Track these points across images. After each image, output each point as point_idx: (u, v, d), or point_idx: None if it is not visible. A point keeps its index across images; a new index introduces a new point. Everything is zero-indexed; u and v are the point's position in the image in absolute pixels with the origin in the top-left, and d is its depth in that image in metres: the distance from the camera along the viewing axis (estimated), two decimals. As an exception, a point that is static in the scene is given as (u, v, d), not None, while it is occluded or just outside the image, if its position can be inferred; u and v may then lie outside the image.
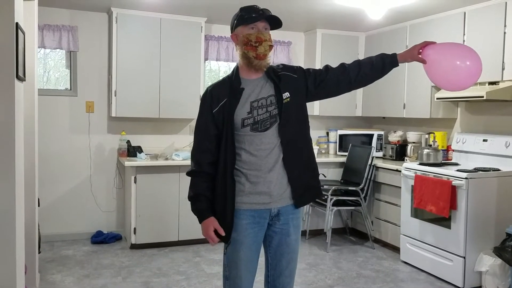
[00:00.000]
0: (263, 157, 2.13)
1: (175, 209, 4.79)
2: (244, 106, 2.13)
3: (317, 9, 4.62)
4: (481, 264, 3.73)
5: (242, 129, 2.12)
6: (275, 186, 2.15)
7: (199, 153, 2.20)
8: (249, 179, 2.14)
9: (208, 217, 2.16)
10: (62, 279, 3.90)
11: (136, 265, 4.25)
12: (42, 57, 5.06)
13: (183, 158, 4.78)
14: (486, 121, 4.45)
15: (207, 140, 2.17)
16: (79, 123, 5.01)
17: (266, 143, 2.13)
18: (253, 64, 2.12)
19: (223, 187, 2.14)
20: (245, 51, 2.12)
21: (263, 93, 2.16)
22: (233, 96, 2.13)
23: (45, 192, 4.77)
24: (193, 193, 2.20)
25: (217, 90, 2.18)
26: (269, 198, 2.15)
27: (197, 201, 2.18)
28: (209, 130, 2.17)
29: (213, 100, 2.16)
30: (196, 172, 2.20)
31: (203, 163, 2.18)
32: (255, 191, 2.14)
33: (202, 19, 5.06)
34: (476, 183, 3.81)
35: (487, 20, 4.05)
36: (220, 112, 2.14)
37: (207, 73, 5.65)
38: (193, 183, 2.21)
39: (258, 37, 2.10)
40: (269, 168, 2.13)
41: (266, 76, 2.19)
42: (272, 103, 2.15)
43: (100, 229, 5.08)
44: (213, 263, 4.36)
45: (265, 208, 2.16)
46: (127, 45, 4.80)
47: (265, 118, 2.13)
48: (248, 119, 2.12)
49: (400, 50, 5.30)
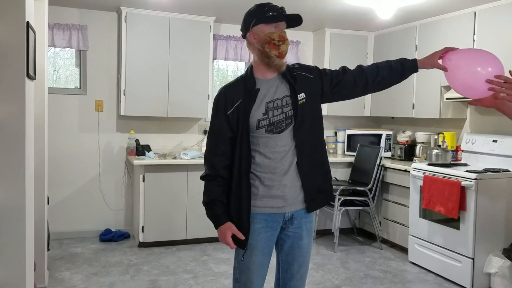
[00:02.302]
0: (278, 160, 2.08)
1: (183, 207, 4.80)
2: (259, 107, 2.08)
3: (326, 8, 4.60)
4: (490, 266, 3.70)
5: (257, 131, 2.07)
6: (290, 190, 2.11)
7: (213, 156, 2.14)
8: (263, 182, 2.10)
9: (225, 222, 2.11)
10: (71, 276, 3.92)
11: (144, 263, 4.27)
12: (52, 56, 5.09)
13: (191, 157, 4.79)
14: (496, 121, 4.41)
15: (222, 142, 2.11)
16: (88, 121, 5.04)
17: (281, 145, 2.08)
18: (274, 63, 2.07)
19: (239, 191, 2.09)
20: (267, 50, 2.05)
21: (279, 93, 2.11)
22: (248, 97, 2.08)
23: (55, 190, 4.81)
24: (208, 199, 2.15)
25: (231, 91, 2.13)
26: (283, 202, 2.11)
27: (212, 206, 2.14)
28: (224, 133, 2.11)
29: (227, 102, 2.10)
30: (211, 176, 2.15)
31: (218, 166, 2.12)
32: (269, 195, 2.10)
33: (210, 18, 5.07)
34: (485, 184, 3.78)
35: (497, 19, 4.01)
36: (234, 113, 2.08)
37: (216, 73, 5.66)
38: (208, 188, 2.16)
39: (281, 36, 2.06)
40: (284, 171, 2.09)
41: (281, 76, 2.13)
42: (288, 104, 2.09)
43: (109, 227, 5.10)
44: (221, 262, 4.36)
45: (278, 212, 2.12)
46: (136, 44, 4.82)
47: (280, 119, 2.08)
48: (264, 120, 2.07)
49: (409, 50, 5.32)
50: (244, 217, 2.09)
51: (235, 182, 2.09)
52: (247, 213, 2.09)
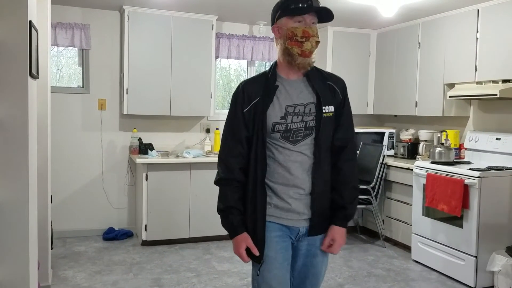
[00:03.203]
0: (292, 171, 1.90)
1: (186, 206, 4.81)
2: (278, 109, 1.88)
3: (329, 6, 4.54)
4: (493, 264, 3.69)
5: (272, 134, 1.89)
6: (303, 205, 1.93)
7: (229, 157, 1.94)
8: (276, 192, 1.93)
9: (241, 232, 1.92)
10: (74, 275, 3.93)
11: (147, 262, 4.28)
12: (55, 55, 5.10)
13: (194, 155, 4.79)
14: (499, 119, 4.40)
15: (239, 143, 1.93)
16: (91, 120, 5.05)
17: (296, 156, 1.90)
18: (296, 62, 1.87)
19: (253, 198, 1.92)
20: (288, 47, 1.85)
21: (302, 98, 1.90)
22: (267, 95, 1.89)
23: (58, 189, 4.82)
24: (223, 206, 1.95)
25: (250, 87, 1.93)
26: (297, 216, 1.94)
27: (229, 214, 1.93)
28: (241, 132, 1.92)
29: (244, 98, 1.92)
30: (226, 180, 1.94)
31: (234, 168, 1.93)
32: (282, 207, 1.93)
33: (213, 17, 5.07)
34: (488, 182, 3.77)
35: (500, 17, 4.00)
36: (251, 112, 1.90)
37: (218, 71, 5.66)
38: (223, 193, 1.96)
39: (305, 32, 1.84)
40: (297, 184, 1.91)
41: (307, 79, 1.93)
42: (311, 113, 1.89)
43: (112, 226, 5.11)
44: (224, 260, 4.37)
45: (293, 225, 1.94)
46: (139, 43, 4.82)
47: (298, 128, 1.89)
48: (280, 124, 1.88)
49: (412, 48, 5.32)
50: (259, 226, 1.91)
51: (251, 188, 1.92)
52: (262, 222, 1.92)
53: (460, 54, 4.38)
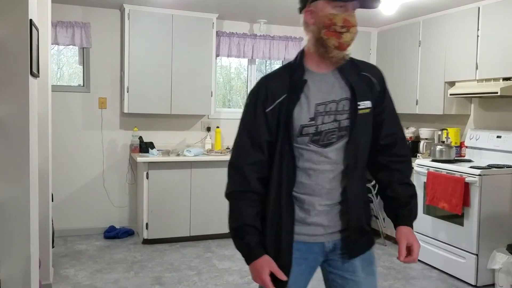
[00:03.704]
0: (319, 179, 1.63)
1: (187, 204, 4.81)
2: (306, 108, 1.60)
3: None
4: (494, 262, 3.69)
5: (299, 139, 1.60)
6: (334, 218, 1.67)
7: (246, 165, 1.63)
8: (300, 204, 1.65)
9: (261, 255, 1.61)
10: (75, 273, 3.94)
11: (148, 260, 4.28)
12: (56, 53, 5.10)
13: (194, 154, 4.80)
14: (500, 117, 4.40)
15: (259, 148, 1.63)
16: (92, 119, 5.05)
17: (326, 162, 1.62)
18: (331, 55, 1.59)
19: (277, 214, 1.63)
20: (324, 37, 1.57)
21: (334, 94, 1.62)
22: (293, 92, 1.60)
23: (59, 187, 4.83)
24: (237, 224, 1.63)
25: (274, 83, 1.64)
26: (322, 230, 1.67)
27: (244, 234, 1.61)
28: (262, 136, 1.62)
29: (267, 96, 1.62)
30: (241, 192, 1.64)
31: (251, 178, 1.63)
32: (304, 221, 1.66)
33: (213, 15, 5.07)
34: (489, 180, 3.77)
35: (501, 15, 3.99)
36: (275, 112, 1.61)
37: (218, 70, 5.66)
38: (237, 208, 1.64)
39: (346, 20, 1.56)
40: (324, 194, 1.64)
41: (339, 71, 1.65)
42: (344, 111, 1.61)
43: (113, 224, 5.12)
44: (224, 258, 4.37)
45: (315, 241, 1.67)
46: (139, 42, 4.82)
47: (331, 129, 1.60)
48: (309, 127, 1.60)
49: (413, 46, 5.31)
50: (285, 248, 1.63)
51: (272, 202, 1.63)
52: (288, 243, 1.63)
53: (460, 52, 4.38)
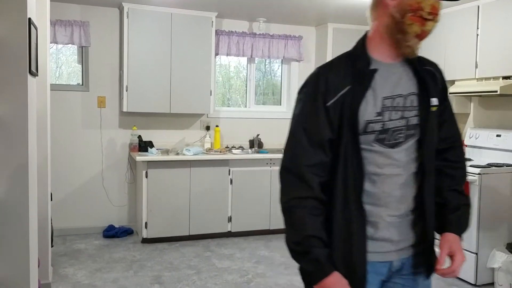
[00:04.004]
0: (385, 186, 1.42)
1: (186, 203, 4.81)
2: (372, 102, 1.40)
3: (329, 3, 4.59)
4: (493, 261, 3.69)
5: (362, 137, 1.40)
6: (404, 230, 1.46)
7: (306, 167, 1.39)
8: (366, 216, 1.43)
9: (331, 271, 1.37)
10: (75, 272, 3.94)
11: (148, 259, 4.28)
12: (54, 52, 5.09)
13: (194, 153, 4.79)
14: (499, 116, 4.40)
15: (320, 148, 1.40)
16: (91, 118, 5.05)
17: (394, 166, 1.42)
18: (408, 43, 1.40)
19: (346, 227, 1.40)
20: (407, 21, 1.36)
21: (401, 88, 1.44)
22: (359, 83, 1.40)
23: (58, 187, 4.82)
24: (301, 237, 1.37)
25: (334, 74, 1.42)
26: (391, 245, 1.45)
27: (311, 247, 1.36)
28: (323, 133, 1.40)
29: (328, 88, 1.40)
30: (302, 199, 1.39)
31: (313, 182, 1.39)
32: (372, 236, 1.43)
33: (212, 14, 5.06)
34: (489, 179, 3.77)
35: (501, 13, 3.99)
36: (337, 106, 1.39)
37: (218, 68, 5.65)
38: (298, 218, 1.39)
39: (434, 8, 1.36)
40: (394, 203, 1.43)
41: (405, 63, 1.48)
42: (413, 107, 1.44)
43: (112, 223, 5.12)
44: (224, 257, 4.37)
45: (383, 260, 1.45)
46: (138, 40, 4.82)
47: (398, 127, 1.42)
48: (376, 123, 1.40)
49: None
50: (358, 264, 1.40)
51: (338, 214, 1.41)
52: (362, 257, 1.40)
53: (460, 51, 4.37)
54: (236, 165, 4.96)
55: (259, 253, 4.54)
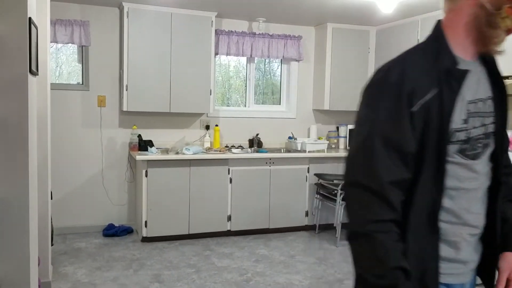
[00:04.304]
0: (463, 201, 1.26)
1: (186, 202, 4.82)
2: (459, 107, 1.22)
3: (328, 3, 4.60)
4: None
5: (448, 147, 1.21)
6: (474, 249, 1.32)
7: (387, 185, 1.17)
8: (443, 235, 1.25)
9: None
10: (74, 271, 3.95)
11: (147, 258, 4.29)
12: (55, 51, 5.10)
13: (193, 152, 4.80)
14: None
15: (402, 161, 1.18)
16: (91, 117, 5.06)
17: (474, 179, 1.26)
18: (497, 38, 1.21)
19: (421, 249, 1.22)
20: (503, 13, 1.17)
21: (481, 91, 1.27)
22: (448, 85, 1.19)
23: (58, 186, 4.83)
24: (384, 269, 1.16)
25: (417, 73, 1.20)
26: (462, 267, 1.29)
27: (397, 281, 1.16)
28: (407, 145, 1.18)
29: (414, 89, 1.17)
30: (383, 222, 1.17)
31: (395, 202, 1.18)
32: (448, 257, 1.27)
33: (212, 13, 5.07)
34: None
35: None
36: (421, 112, 1.17)
37: (217, 68, 5.66)
38: (380, 246, 1.16)
39: None
40: (470, 221, 1.27)
41: (483, 62, 1.30)
42: (490, 113, 1.27)
43: (112, 222, 5.13)
44: (223, 256, 4.38)
45: (454, 282, 1.28)
46: (138, 40, 4.82)
47: (479, 135, 1.25)
48: (461, 131, 1.22)
49: (411, 44, 5.27)
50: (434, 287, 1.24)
51: (412, 231, 1.21)
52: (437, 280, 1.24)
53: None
54: (235, 165, 4.97)
55: (258, 252, 4.55)
